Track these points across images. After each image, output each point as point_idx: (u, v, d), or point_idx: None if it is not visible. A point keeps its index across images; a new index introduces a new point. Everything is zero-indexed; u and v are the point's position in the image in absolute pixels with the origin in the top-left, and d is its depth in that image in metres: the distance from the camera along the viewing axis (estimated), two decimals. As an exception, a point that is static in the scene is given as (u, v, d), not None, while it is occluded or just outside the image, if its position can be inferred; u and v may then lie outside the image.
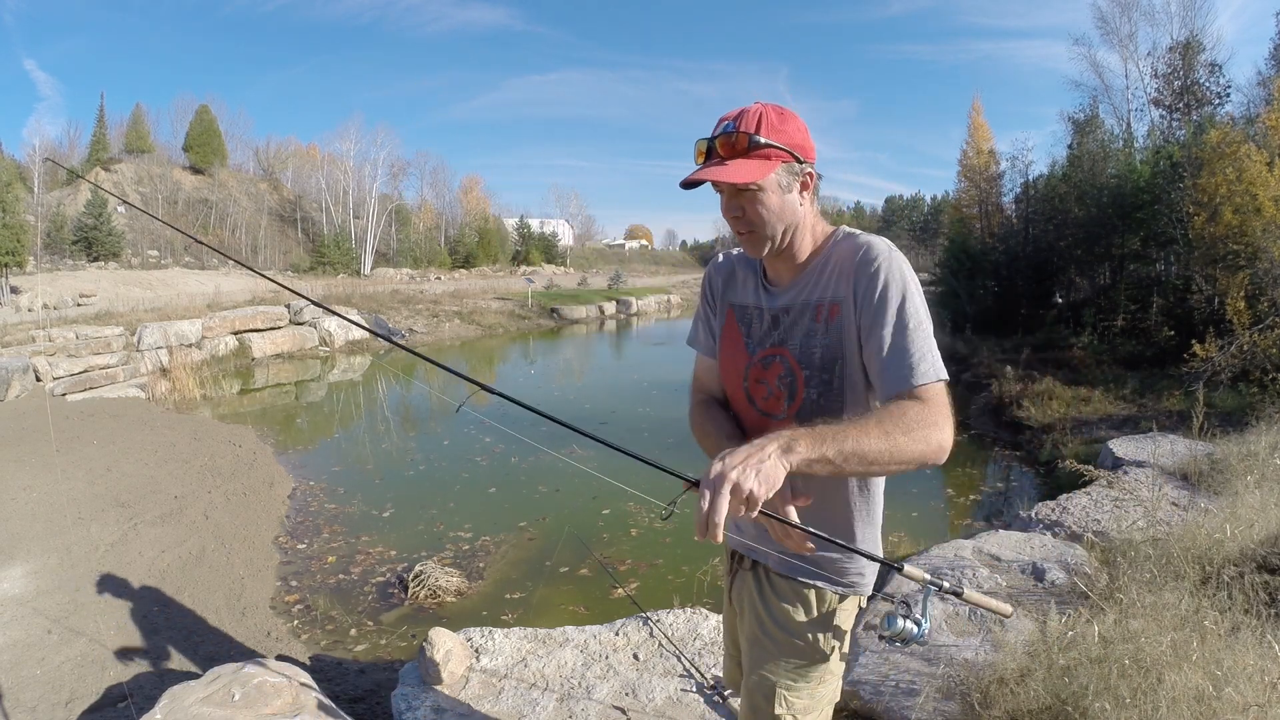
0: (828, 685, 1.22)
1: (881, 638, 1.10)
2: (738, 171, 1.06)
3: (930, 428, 0.97)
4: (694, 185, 1.11)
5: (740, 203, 1.10)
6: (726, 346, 1.29)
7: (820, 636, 1.19)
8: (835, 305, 1.13)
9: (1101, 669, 1.90)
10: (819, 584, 1.20)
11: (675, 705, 2.30)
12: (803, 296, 1.18)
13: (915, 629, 1.06)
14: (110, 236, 29.76)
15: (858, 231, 1.16)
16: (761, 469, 0.86)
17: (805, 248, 1.18)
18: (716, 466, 0.87)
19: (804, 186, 1.13)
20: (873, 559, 1.07)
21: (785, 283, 1.22)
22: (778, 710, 1.19)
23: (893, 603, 1.10)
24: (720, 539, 0.85)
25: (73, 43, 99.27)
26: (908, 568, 1.00)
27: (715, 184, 1.10)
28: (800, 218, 1.14)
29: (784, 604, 1.21)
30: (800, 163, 1.10)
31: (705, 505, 0.85)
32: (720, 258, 1.36)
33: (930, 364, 1.03)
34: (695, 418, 1.32)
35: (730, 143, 1.07)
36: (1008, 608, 1.06)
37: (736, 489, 0.84)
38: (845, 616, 1.22)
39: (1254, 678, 1.78)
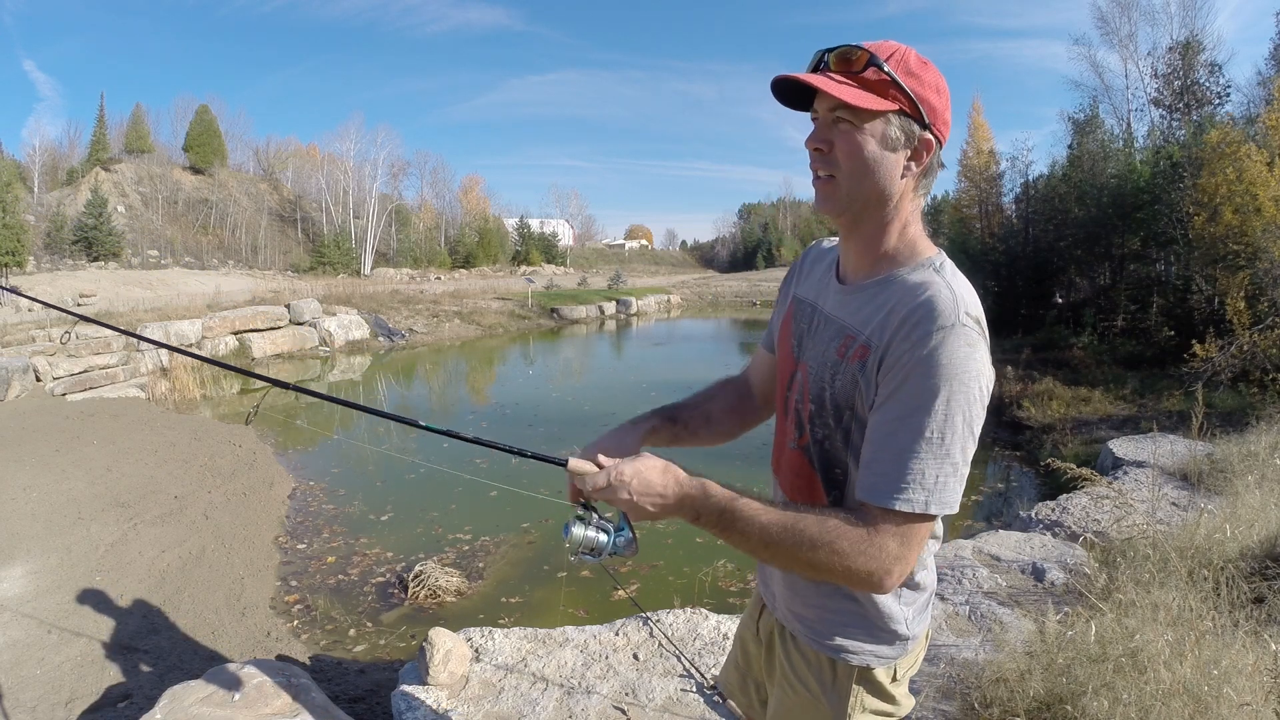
0: None
1: (572, 556, 0.98)
2: (842, 87, 0.87)
3: (868, 562, 0.82)
4: (785, 88, 0.92)
5: (831, 135, 0.90)
6: (781, 344, 1.12)
7: (834, 705, 1.05)
8: (864, 349, 0.91)
9: (1100, 668, 1.91)
10: (824, 653, 1.05)
11: (675, 705, 2.30)
12: (843, 312, 0.98)
13: (605, 537, 0.95)
14: (110, 236, 29.77)
15: (944, 272, 0.90)
16: (646, 511, 0.90)
17: (889, 241, 0.95)
18: (628, 473, 0.89)
19: (915, 156, 0.90)
20: (540, 458, 0.99)
21: (850, 280, 1.00)
22: None
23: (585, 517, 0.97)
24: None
25: (72, 43, 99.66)
26: (572, 461, 0.97)
27: (815, 99, 0.91)
28: (894, 192, 0.91)
29: (803, 658, 1.09)
30: (923, 125, 0.89)
31: (592, 484, 0.92)
32: (825, 242, 1.16)
33: (924, 491, 0.82)
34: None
35: (848, 58, 0.88)
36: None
37: (620, 501, 0.90)
38: (863, 692, 1.04)
39: (1252, 677, 1.78)
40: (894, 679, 1.05)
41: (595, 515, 0.98)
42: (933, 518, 0.83)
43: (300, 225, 43.77)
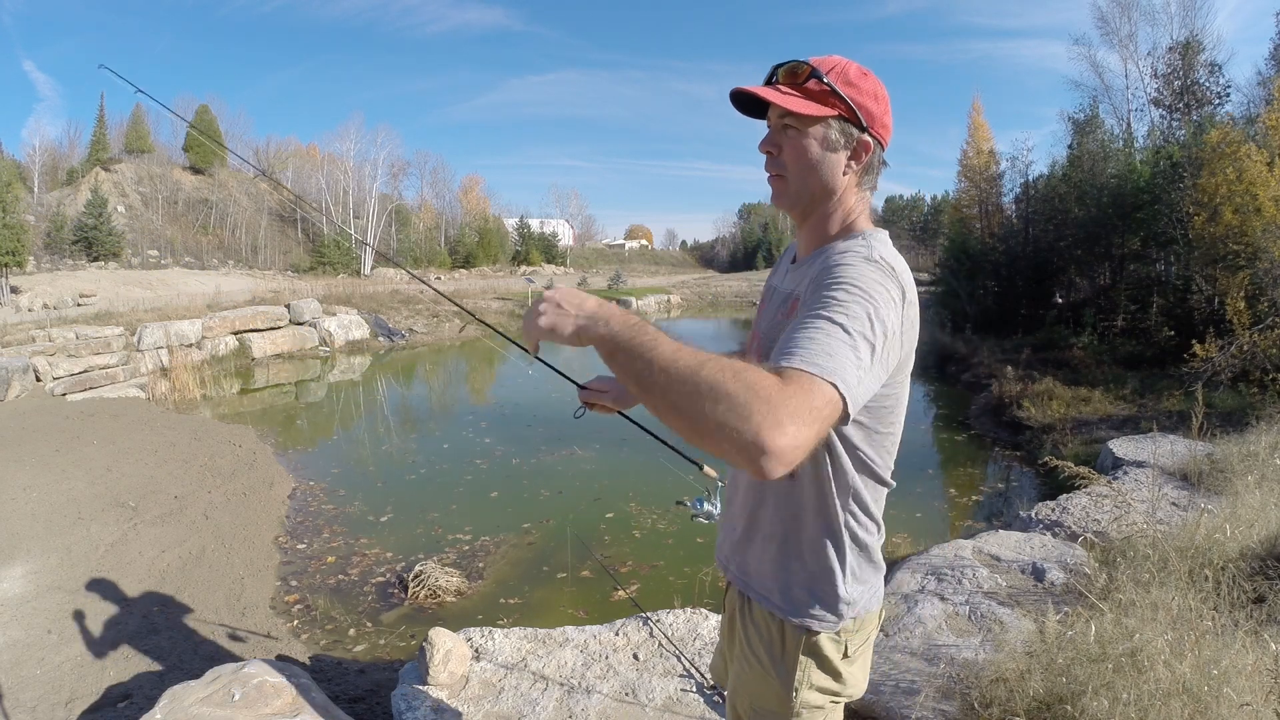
0: None
1: (693, 518, 1.42)
2: (786, 97, 0.98)
3: (763, 407, 0.68)
4: (741, 100, 1.04)
5: (780, 140, 1.02)
6: (754, 326, 1.22)
7: (785, 672, 1.08)
8: (796, 301, 1.01)
9: (1099, 668, 1.91)
10: (776, 614, 1.09)
11: (675, 705, 2.30)
12: (789, 282, 1.10)
13: (714, 509, 1.39)
14: (110, 236, 29.73)
15: (872, 239, 1.00)
16: (555, 322, 0.88)
17: (833, 228, 1.05)
18: (550, 294, 0.94)
19: (855, 156, 1.01)
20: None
21: (799, 260, 1.12)
22: None
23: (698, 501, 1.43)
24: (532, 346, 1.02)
25: (71, 43, 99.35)
26: (705, 467, 1.44)
27: (769, 108, 1.03)
28: (838, 188, 1.02)
29: (756, 629, 1.13)
30: (860, 128, 1.00)
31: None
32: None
33: (829, 361, 0.76)
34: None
35: (794, 72, 1.00)
36: None
37: (549, 308, 0.91)
38: (812, 666, 1.07)
39: (1252, 677, 1.78)
40: (845, 655, 1.08)
41: (711, 495, 1.42)
42: (826, 384, 0.75)
43: (300, 225, 43.76)
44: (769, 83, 1.03)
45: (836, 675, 1.08)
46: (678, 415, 0.72)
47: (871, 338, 0.82)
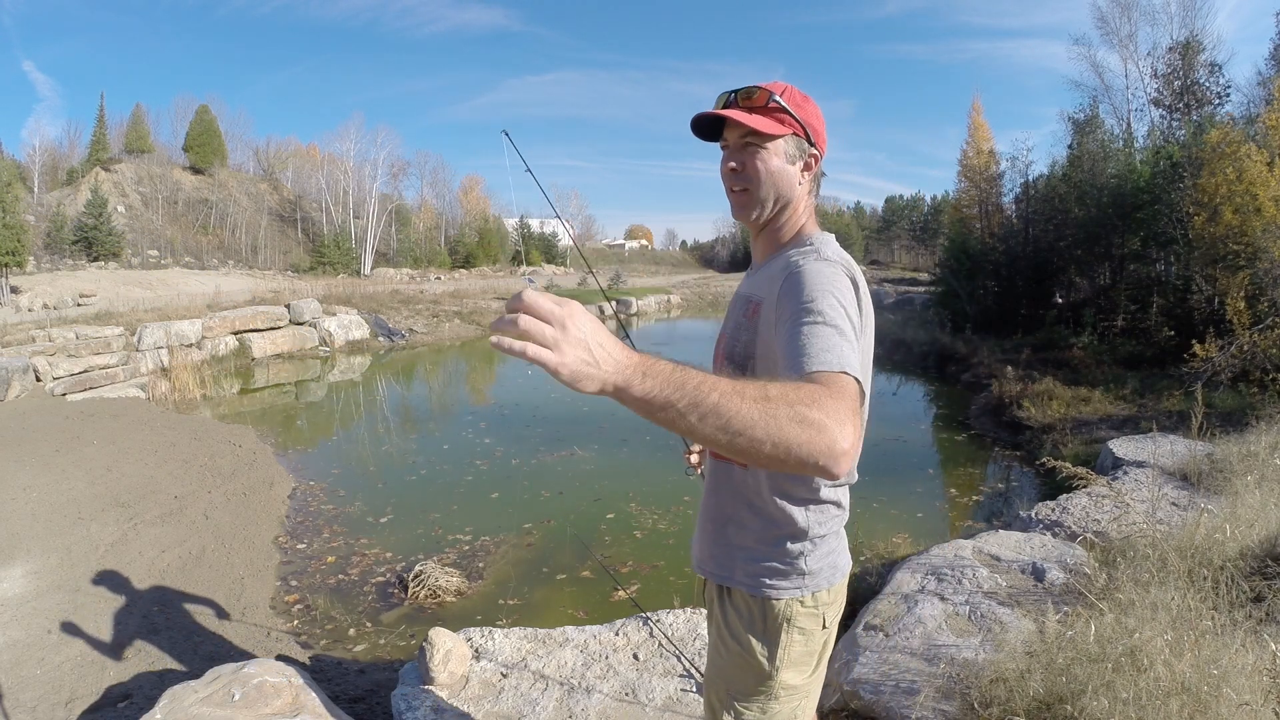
0: (782, 703, 1.16)
1: None
2: (753, 117, 1.09)
3: (825, 415, 0.73)
4: (706, 123, 1.14)
5: (743, 156, 1.13)
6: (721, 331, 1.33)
7: (768, 645, 1.14)
8: (758, 306, 1.13)
9: (1099, 667, 1.91)
10: (747, 591, 1.15)
11: (675, 705, 2.31)
12: (748, 287, 1.22)
13: None
14: (110, 236, 29.73)
15: (821, 246, 1.11)
16: (577, 369, 0.69)
17: (788, 234, 1.18)
18: (581, 316, 0.71)
19: (807, 168, 1.15)
20: None
21: (756, 265, 1.24)
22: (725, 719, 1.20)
23: None
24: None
25: (71, 44, 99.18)
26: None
27: (725, 130, 1.14)
28: (794, 197, 1.15)
29: (736, 612, 1.18)
30: (810, 144, 1.14)
31: (514, 324, 0.69)
32: None
33: (835, 355, 0.87)
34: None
35: (751, 95, 1.11)
36: None
37: (537, 352, 0.68)
38: (795, 630, 1.14)
39: (1252, 676, 1.78)
40: (824, 625, 1.17)
41: None
42: (845, 376, 0.83)
43: (300, 225, 43.75)
44: (727, 107, 1.13)
45: (815, 647, 1.16)
46: (750, 452, 0.72)
47: (844, 321, 0.94)
